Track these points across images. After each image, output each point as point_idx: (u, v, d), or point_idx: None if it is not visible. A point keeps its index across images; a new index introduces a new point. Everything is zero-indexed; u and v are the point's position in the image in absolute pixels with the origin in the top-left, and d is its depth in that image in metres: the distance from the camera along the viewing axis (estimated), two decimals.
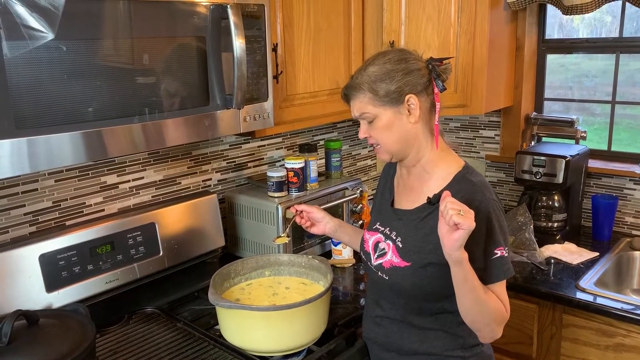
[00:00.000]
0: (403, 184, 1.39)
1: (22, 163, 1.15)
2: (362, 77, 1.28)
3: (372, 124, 1.29)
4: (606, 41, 2.34)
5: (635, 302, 1.74)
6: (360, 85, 1.28)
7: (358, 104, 1.29)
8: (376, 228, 1.40)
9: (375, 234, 1.39)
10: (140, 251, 1.67)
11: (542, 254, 2.05)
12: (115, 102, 1.28)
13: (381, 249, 1.35)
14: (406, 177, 1.37)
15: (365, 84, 1.27)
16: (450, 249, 1.11)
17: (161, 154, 1.88)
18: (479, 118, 2.61)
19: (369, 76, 1.27)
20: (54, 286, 1.48)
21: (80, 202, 1.70)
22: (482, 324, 1.23)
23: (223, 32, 1.46)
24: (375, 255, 1.36)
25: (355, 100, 1.29)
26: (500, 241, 1.23)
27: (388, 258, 1.32)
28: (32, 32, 1.11)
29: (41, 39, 1.12)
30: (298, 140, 2.35)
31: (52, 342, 1.18)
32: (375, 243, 1.38)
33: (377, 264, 1.34)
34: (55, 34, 1.14)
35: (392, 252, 1.31)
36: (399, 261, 1.29)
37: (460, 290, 1.18)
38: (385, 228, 1.37)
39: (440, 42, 2.07)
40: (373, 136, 1.30)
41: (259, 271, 1.63)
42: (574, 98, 2.57)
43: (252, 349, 1.38)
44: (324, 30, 1.92)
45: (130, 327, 1.55)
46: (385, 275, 1.32)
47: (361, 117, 1.30)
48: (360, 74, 1.29)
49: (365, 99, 1.27)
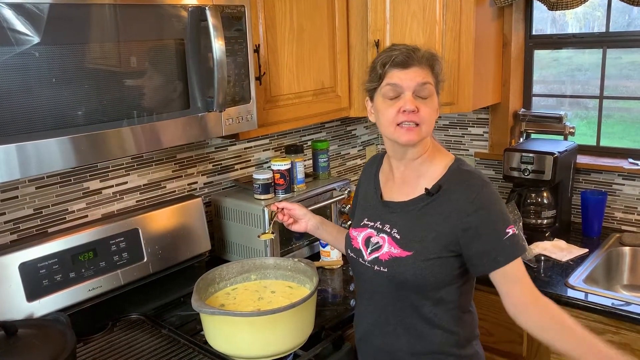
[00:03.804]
0: (394, 178, 1.37)
1: (11, 169, 1.15)
2: (426, 52, 1.25)
3: (425, 101, 1.25)
4: (593, 36, 2.33)
5: (625, 299, 1.73)
6: (426, 58, 1.25)
7: (423, 72, 1.24)
8: (364, 224, 1.38)
9: (364, 229, 1.37)
10: (123, 257, 1.65)
11: (532, 252, 2.04)
12: (97, 106, 1.27)
13: (374, 244, 1.32)
14: (401, 170, 1.34)
15: (431, 58, 1.25)
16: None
17: (145, 158, 1.86)
18: (467, 115, 2.60)
19: (432, 53, 1.26)
20: (35, 295, 1.46)
21: (63, 208, 1.67)
22: None
23: (202, 34, 1.44)
24: (369, 250, 1.33)
25: (417, 68, 1.24)
26: (508, 220, 1.24)
27: (385, 250, 1.29)
28: (18, 35, 1.11)
29: (27, 43, 1.12)
30: (285, 142, 2.33)
31: (31, 352, 1.16)
32: (365, 239, 1.35)
33: (372, 259, 1.31)
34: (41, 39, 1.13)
35: (389, 244, 1.29)
36: (399, 252, 1.27)
37: None
38: (376, 222, 1.35)
39: (425, 40, 2.05)
40: (421, 112, 1.24)
41: (244, 275, 1.61)
42: (566, 93, 2.56)
43: (237, 355, 1.36)
44: (307, 31, 1.90)
45: (114, 335, 1.53)
46: (383, 268, 1.29)
47: (421, 86, 1.23)
48: (422, 48, 1.26)
49: (428, 73, 1.25)
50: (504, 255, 1.21)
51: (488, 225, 1.21)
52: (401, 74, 1.23)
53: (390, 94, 1.24)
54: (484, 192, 1.23)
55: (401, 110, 1.23)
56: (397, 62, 1.22)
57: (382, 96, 1.26)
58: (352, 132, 2.68)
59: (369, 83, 1.30)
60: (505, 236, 1.21)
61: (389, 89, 1.24)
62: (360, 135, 2.74)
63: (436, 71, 1.27)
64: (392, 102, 1.24)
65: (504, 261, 1.20)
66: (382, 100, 1.26)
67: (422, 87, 1.23)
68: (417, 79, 1.23)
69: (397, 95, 1.24)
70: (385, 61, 1.24)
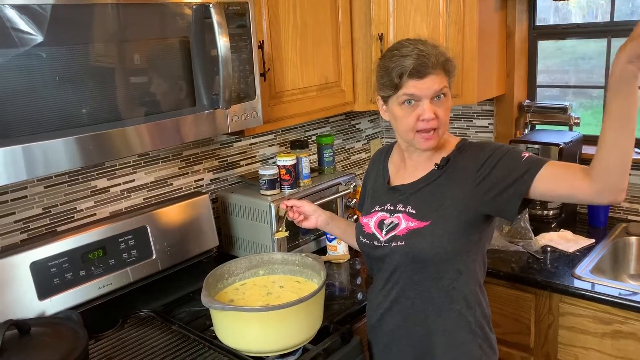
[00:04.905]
0: (406, 167, 1.40)
1: (18, 170, 1.15)
2: (438, 54, 1.26)
3: (441, 103, 1.27)
4: (597, 26, 2.32)
5: (632, 289, 1.73)
6: (440, 63, 1.26)
7: (438, 79, 1.26)
8: (375, 210, 1.40)
9: (375, 214, 1.39)
10: (132, 255, 1.66)
11: (538, 243, 2.05)
12: (103, 106, 1.27)
13: (389, 224, 1.35)
14: (414, 158, 1.38)
15: (444, 61, 1.27)
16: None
17: (151, 156, 1.87)
18: (472, 107, 2.59)
19: (443, 54, 1.27)
20: (46, 294, 1.48)
21: (71, 207, 1.69)
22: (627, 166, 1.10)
23: (207, 31, 1.44)
24: (384, 231, 1.35)
25: (434, 76, 1.25)
26: (519, 150, 1.27)
27: (403, 227, 1.31)
28: (22, 36, 1.11)
29: (31, 42, 1.13)
30: (290, 137, 2.33)
31: (44, 351, 1.17)
32: (378, 222, 1.37)
33: (389, 237, 1.33)
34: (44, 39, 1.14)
35: (406, 220, 1.32)
36: (417, 223, 1.30)
37: (621, 123, 1.06)
38: (386, 205, 1.38)
39: (429, 33, 2.05)
40: (439, 117, 1.27)
41: (252, 271, 1.62)
42: (570, 82, 2.55)
43: (247, 350, 1.37)
44: (310, 26, 1.90)
45: (124, 332, 1.55)
46: (400, 242, 1.31)
47: (440, 93, 1.26)
48: (433, 50, 1.26)
49: (443, 78, 1.27)
50: (534, 168, 1.20)
51: (501, 161, 1.25)
52: (418, 84, 1.25)
53: (407, 102, 1.27)
54: (487, 146, 1.30)
55: (420, 119, 1.26)
56: (413, 73, 1.24)
57: (398, 103, 1.28)
58: (356, 126, 2.68)
59: (383, 91, 1.31)
60: (522, 160, 1.23)
61: (406, 98, 1.26)
62: (364, 129, 2.74)
63: (449, 71, 1.29)
64: (410, 110, 1.27)
65: (530, 178, 1.20)
66: (400, 107, 1.29)
67: (441, 91, 1.26)
68: (434, 87, 1.25)
69: (414, 102, 1.26)
70: (401, 72, 1.24)
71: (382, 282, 1.40)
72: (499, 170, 1.24)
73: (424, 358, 1.34)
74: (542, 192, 1.21)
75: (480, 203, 1.26)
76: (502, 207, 1.25)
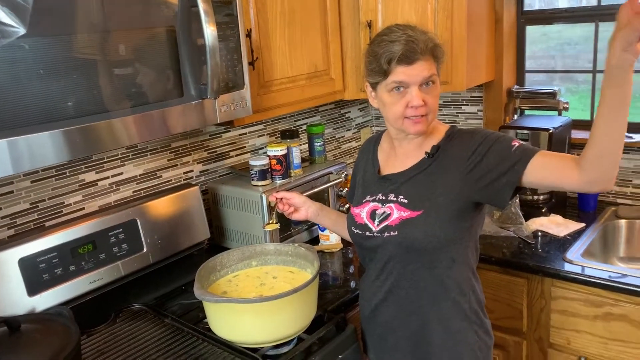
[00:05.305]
0: (396, 154, 1.39)
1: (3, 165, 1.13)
2: (427, 40, 1.25)
3: (429, 90, 1.27)
4: (585, 10, 2.32)
5: (622, 271, 1.75)
6: (429, 49, 1.25)
7: (427, 65, 1.25)
8: (367, 200, 1.39)
9: (367, 204, 1.39)
10: (123, 248, 1.64)
11: (529, 228, 2.06)
12: (89, 98, 1.25)
13: (381, 214, 1.34)
14: (404, 145, 1.37)
15: (433, 47, 1.26)
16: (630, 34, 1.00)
17: (140, 148, 1.85)
18: (461, 94, 2.59)
19: (432, 40, 1.26)
20: (36, 290, 1.46)
21: (59, 202, 1.66)
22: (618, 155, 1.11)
23: (193, 20, 1.42)
24: (376, 221, 1.35)
25: (422, 62, 1.24)
26: (509, 137, 1.27)
27: (395, 217, 1.31)
28: (3, 27, 1.08)
29: (13, 35, 1.10)
30: (280, 127, 2.32)
31: (36, 347, 1.16)
32: (370, 212, 1.37)
33: (382, 228, 1.33)
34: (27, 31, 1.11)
35: (398, 210, 1.31)
36: (409, 213, 1.29)
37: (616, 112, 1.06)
38: (378, 195, 1.37)
39: (418, 19, 2.03)
40: (428, 103, 1.26)
41: (245, 262, 1.61)
42: (556, 67, 2.56)
43: (241, 341, 1.37)
44: (298, 13, 1.88)
45: (117, 326, 1.53)
46: (393, 232, 1.30)
47: (429, 80, 1.26)
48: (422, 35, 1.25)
49: (432, 64, 1.26)
50: (524, 158, 1.21)
51: (491, 150, 1.25)
52: (407, 70, 1.23)
53: (396, 89, 1.26)
54: (477, 133, 1.30)
55: (409, 106, 1.25)
56: (401, 59, 1.22)
57: (387, 90, 1.27)
58: (346, 114, 2.67)
59: (371, 77, 1.30)
60: (513, 148, 1.23)
61: (395, 85, 1.26)
62: (354, 118, 2.73)
63: (438, 57, 1.28)
64: (399, 97, 1.26)
65: (521, 168, 1.20)
66: (388, 94, 1.28)
67: (430, 78, 1.26)
68: (423, 74, 1.24)
69: (403, 89, 1.25)
70: (389, 57, 1.23)
71: (375, 272, 1.39)
72: (490, 159, 1.24)
73: (420, 347, 1.34)
74: (533, 181, 1.22)
75: (471, 191, 1.26)
76: (493, 195, 1.25)
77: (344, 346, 1.45)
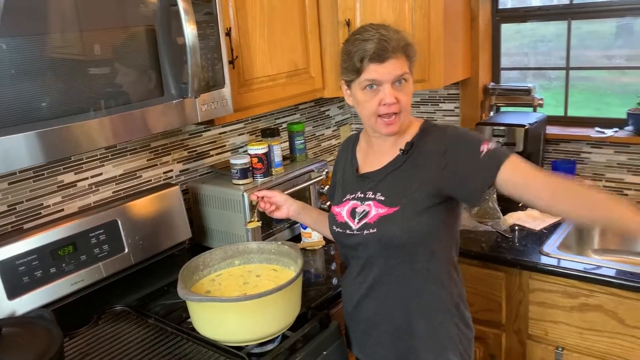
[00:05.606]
0: (374, 152, 1.41)
1: None
2: (399, 39, 1.26)
3: (402, 88, 1.28)
4: (558, 8, 2.38)
5: (596, 262, 1.80)
6: (401, 47, 1.26)
7: (399, 63, 1.26)
8: (347, 199, 1.41)
9: (347, 203, 1.40)
10: (104, 250, 1.63)
11: (507, 222, 2.10)
12: (65, 99, 1.23)
13: (361, 212, 1.36)
14: (380, 143, 1.39)
15: (405, 46, 1.27)
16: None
17: (119, 148, 1.83)
18: (439, 92, 2.62)
19: (404, 39, 1.28)
20: (16, 293, 1.44)
21: (38, 203, 1.64)
22: None
23: (173, 19, 1.41)
24: (356, 220, 1.36)
25: (394, 60, 1.26)
26: (479, 139, 1.28)
27: (373, 214, 1.33)
28: None
29: None
30: (260, 125, 2.32)
31: (18, 351, 1.14)
32: (350, 210, 1.38)
33: (361, 225, 1.34)
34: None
35: (376, 207, 1.33)
36: (386, 210, 1.31)
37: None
38: (357, 193, 1.39)
39: (395, 18, 2.05)
40: (401, 101, 1.28)
41: (228, 261, 1.61)
42: (529, 64, 2.61)
43: (226, 340, 1.37)
44: (277, 11, 1.88)
45: (99, 328, 1.52)
46: (372, 229, 1.32)
47: (401, 78, 1.27)
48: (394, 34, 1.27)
49: (404, 62, 1.28)
50: (489, 167, 1.23)
51: (462, 153, 1.27)
52: (379, 68, 1.25)
53: (369, 87, 1.28)
54: (450, 131, 1.33)
55: (382, 103, 1.27)
56: (373, 57, 1.25)
57: (360, 88, 1.29)
58: (325, 112, 2.68)
59: (346, 75, 1.32)
60: (481, 155, 1.25)
61: (367, 83, 1.28)
62: (334, 116, 2.74)
63: (410, 55, 1.30)
64: (372, 95, 1.28)
65: (490, 176, 1.23)
66: (362, 92, 1.30)
67: (402, 77, 1.28)
68: (395, 72, 1.26)
69: (376, 86, 1.27)
70: (362, 55, 1.25)
71: (357, 269, 1.41)
72: (461, 162, 1.27)
73: (403, 341, 1.37)
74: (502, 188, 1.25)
75: (445, 187, 1.29)
76: (464, 196, 1.30)
77: (328, 342, 1.46)
